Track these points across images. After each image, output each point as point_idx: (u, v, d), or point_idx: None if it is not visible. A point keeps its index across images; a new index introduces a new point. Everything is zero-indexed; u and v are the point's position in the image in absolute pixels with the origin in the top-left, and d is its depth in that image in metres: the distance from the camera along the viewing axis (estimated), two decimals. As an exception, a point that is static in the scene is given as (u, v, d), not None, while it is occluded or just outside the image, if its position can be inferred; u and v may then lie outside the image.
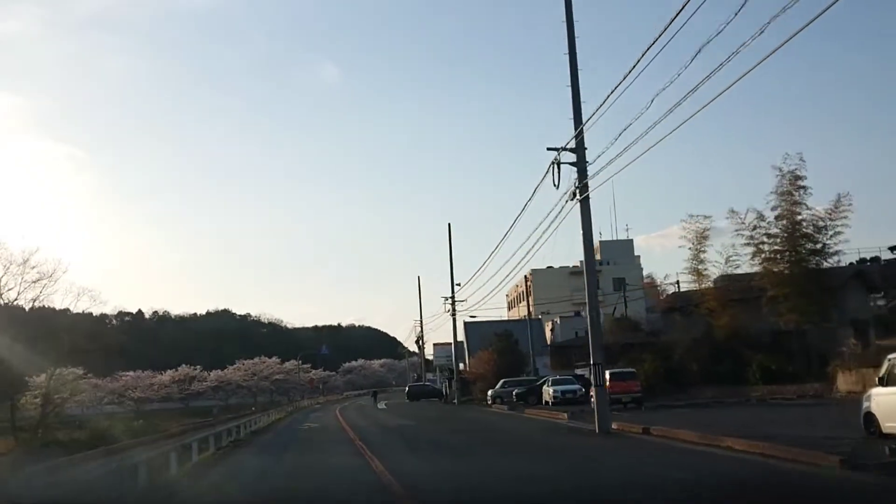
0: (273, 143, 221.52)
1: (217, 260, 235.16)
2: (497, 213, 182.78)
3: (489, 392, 54.36)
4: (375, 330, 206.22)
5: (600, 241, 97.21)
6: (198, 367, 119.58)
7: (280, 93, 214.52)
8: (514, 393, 50.26)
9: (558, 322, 75.39)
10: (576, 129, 23.34)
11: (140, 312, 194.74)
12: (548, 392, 45.69)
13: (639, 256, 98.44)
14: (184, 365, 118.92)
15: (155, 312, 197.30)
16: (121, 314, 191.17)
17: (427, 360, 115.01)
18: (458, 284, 61.32)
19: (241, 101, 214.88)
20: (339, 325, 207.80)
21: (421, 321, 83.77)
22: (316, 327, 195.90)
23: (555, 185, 24.11)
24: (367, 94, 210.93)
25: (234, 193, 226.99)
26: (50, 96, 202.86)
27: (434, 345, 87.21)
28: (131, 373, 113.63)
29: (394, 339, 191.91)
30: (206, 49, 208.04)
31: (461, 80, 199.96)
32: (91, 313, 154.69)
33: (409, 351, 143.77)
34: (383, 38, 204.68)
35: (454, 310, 61.38)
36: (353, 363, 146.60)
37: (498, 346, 60.88)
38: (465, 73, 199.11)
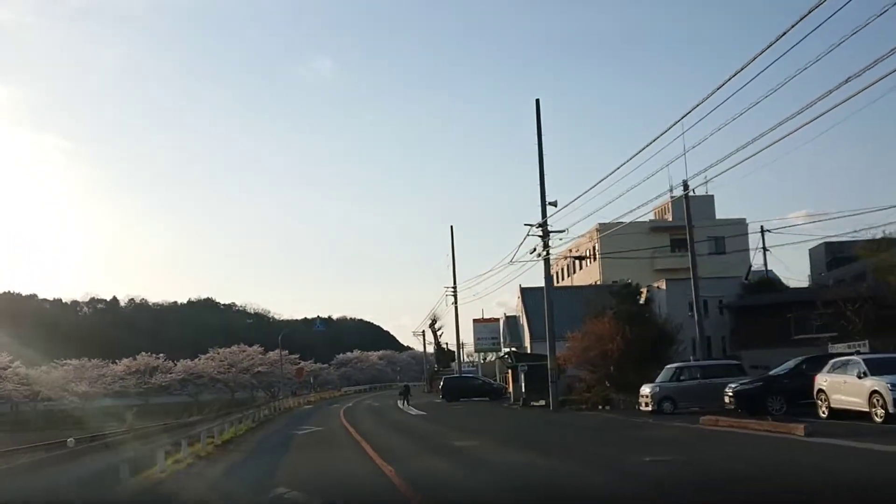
0: (266, 135, 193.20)
1: (203, 250, 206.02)
2: (497, 210, 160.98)
3: (645, 390, 25.98)
4: (369, 323, 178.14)
5: (671, 198, 69.35)
6: (161, 355, 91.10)
7: (273, 86, 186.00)
8: (731, 391, 21.96)
9: (662, 288, 46.92)
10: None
11: (115, 300, 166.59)
12: (879, 390, 17.39)
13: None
14: (143, 353, 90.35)
15: (131, 300, 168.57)
16: (93, 301, 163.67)
17: (443, 349, 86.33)
18: (553, 204, 32.98)
19: (233, 93, 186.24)
20: (329, 317, 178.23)
21: (454, 287, 55.22)
22: (306, 319, 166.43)
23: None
24: (361, 89, 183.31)
25: (226, 186, 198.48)
26: (40, 86, 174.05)
27: (474, 321, 58.37)
28: (74, 361, 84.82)
29: (387, 332, 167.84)
30: (199, 42, 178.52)
31: (458, 76, 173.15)
32: (60, 300, 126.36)
33: (410, 346, 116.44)
34: (380, 34, 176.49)
35: (546, 246, 33.08)
36: (349, 354, 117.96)
37: (621, 309, 32.55)
38: (462, 70, 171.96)
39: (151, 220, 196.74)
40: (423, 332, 78.95)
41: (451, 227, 58.14)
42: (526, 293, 51.21)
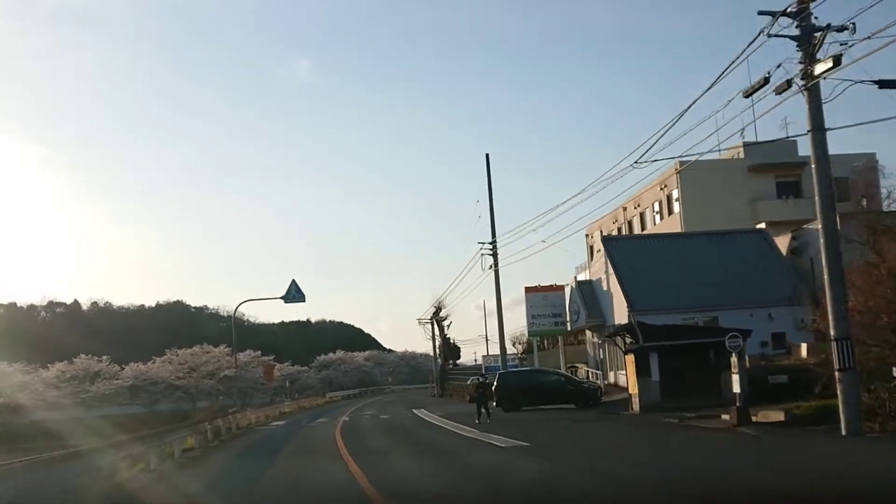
0: (243, 136, 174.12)
1: (172, 253, 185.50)
2: (486, 211, 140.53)
3: None
4: (350, 325, 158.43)
5: (743, 143, 50.96)
6: (104, 357, 71.13)
7: (249, 86, 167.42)
8: None
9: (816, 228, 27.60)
10: None
11: (76, 303, 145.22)
12: None
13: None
14: (82, 355, 70.28)
15: (94, 303, 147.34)
16: (51, 304, 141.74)
17: (448, 343, 66.37)
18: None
19: (208, 92, 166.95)
20: (308, 320, 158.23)
21: (493, 242, 35.59)
22: (283, 323, 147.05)
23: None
24: (342, 90, 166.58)
25: (199, 188, 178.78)
26: (16, 92, 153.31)
27: (526, 291, 37.70)
28: (-6, 366, 64.44)
29: (368, 335, 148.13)
30: (177, 41, 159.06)
31: (443, 73, 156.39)
32: (15, 303, 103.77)
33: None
34: (361, 33, 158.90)
35: (812, 58, 13.92)
36: (331, 356, 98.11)
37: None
38: (448, 69, 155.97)
39: (120, 222, 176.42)
40: (432, 320, 58.93)
41: (487, 155, 38.90)
42: (611, 244, 31.95)
